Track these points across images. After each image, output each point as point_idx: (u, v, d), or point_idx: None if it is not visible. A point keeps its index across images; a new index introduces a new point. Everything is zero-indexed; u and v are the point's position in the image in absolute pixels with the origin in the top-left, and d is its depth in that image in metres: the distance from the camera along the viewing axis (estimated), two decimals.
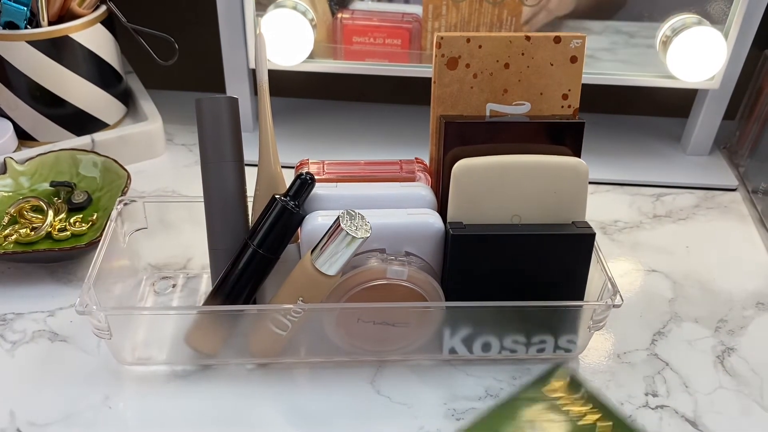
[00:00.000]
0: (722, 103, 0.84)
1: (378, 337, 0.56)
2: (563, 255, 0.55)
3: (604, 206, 0.81)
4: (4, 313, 0.62)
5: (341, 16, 0.81)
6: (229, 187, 0.56)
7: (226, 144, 0.56)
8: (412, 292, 0.54)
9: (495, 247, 0.55)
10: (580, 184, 0.55)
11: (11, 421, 0.52)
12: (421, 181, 0.59)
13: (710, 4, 0.78)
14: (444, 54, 0.55)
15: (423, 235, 0.55)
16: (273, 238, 0.53)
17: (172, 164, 0.86)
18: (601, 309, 0.55)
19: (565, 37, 0.55)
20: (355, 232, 0.49)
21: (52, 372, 0.57)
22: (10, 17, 0.75)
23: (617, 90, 0.84)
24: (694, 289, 0.69)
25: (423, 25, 0.79)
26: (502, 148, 0.55)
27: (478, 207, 0.55)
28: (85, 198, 0.73)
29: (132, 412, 0.54)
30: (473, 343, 0.57)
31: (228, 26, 0.81)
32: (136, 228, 0.63)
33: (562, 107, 0.57)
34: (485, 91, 0.57)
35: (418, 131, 0.87)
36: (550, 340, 0.57)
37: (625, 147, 0.91)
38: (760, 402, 0.57)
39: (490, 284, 0.56)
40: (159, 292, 0.65)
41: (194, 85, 0.97)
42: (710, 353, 0.61)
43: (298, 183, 0.54)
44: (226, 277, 0.54)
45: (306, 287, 0.52)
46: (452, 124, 0.56)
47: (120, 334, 0.55)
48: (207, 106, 0.55)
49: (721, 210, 0.81)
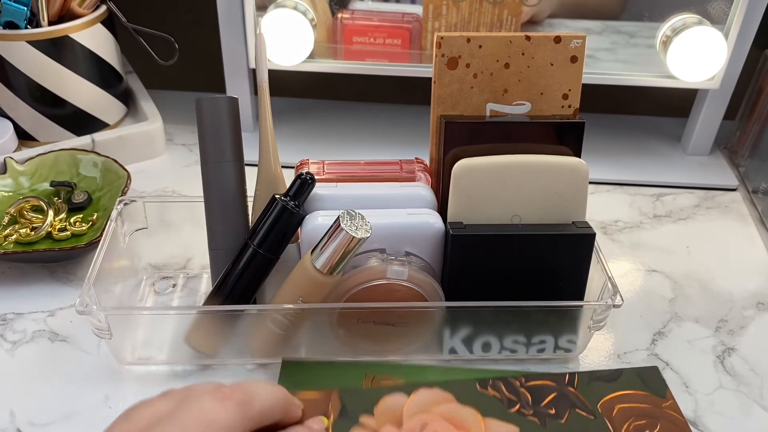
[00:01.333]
0: (722, 103, 0.84)
1: (378, 337, 0.56)
2: (563, 255, 0.55)
3: (604, 206, 0.81)
4: (4, 313, 0.62)
5: (341, 16, 0.81)
6: (229, 186, 0.56)
7: (226, 144, 0.56)
8: (412, 292, 0.54)
9: (495, 247, 0.55)
10: (581, 184, 0.55)
11: (11, 421, 0.52)
12: (421, 181, 0.59)
13: (710, 4, 0.78)
14: (444, 54, 0.55)
15: (423, 235, 0.55)
16: (273, 238, 0.53)
17: (172, 164, 0.86)
18: (601, 309, 0.55)
19: (565, 37, 0.55)
20: (356, 232, 0.49)
21: (52, 372, 0.57)
22: (10, 17, 0.75)
23: (617, 90, 0.84)
24: (694, 289, 0.69)
25: (423, 25, 0.79)
26: (502, 148, 0.55)
27: (479, 207, 0.55)
28: (85, 198, 0.72)
29: None
30: (473, 343, 0.57)
31: (228, 26, 0.81)
32: (137, 228, 0.63)
33: (563, 107, 0.57)
34: (485, 91, 0.57)
35: (418, 131, 0.87)
36: (550, 340, 0.57)
37: (625, 147, 0.91)
38: (760, 402, 0.57)
39: (490, 284, 0.56)
40: (159, 292, 0.65)
41: (194, 85, 0.98)
42: (710, 353, 0.61)
43: (299, 183, 0.54)
44: (227, 277, 0.54)
45: (306, 287, 0.52)
46: (452, 124, 0.56)
47: (120, 334, 0.55)
48: (207, 105, 0.55)
49: (721, 210, 0.81)
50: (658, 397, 0.52)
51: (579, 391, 0.52)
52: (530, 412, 0.51)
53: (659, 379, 0.53)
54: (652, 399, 0.52)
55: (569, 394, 0.52)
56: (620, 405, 0.51)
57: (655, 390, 0.52)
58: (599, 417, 0.50)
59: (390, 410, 0.50)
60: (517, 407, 0.51)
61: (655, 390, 0.52)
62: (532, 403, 0.51)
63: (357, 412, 0.50)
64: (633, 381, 0.53)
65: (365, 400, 0.50)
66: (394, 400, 0.51)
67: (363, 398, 0.51)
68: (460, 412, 0.50)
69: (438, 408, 0.50)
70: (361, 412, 0.50)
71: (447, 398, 0.51)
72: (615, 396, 0.52)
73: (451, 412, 0.50)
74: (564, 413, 0.50)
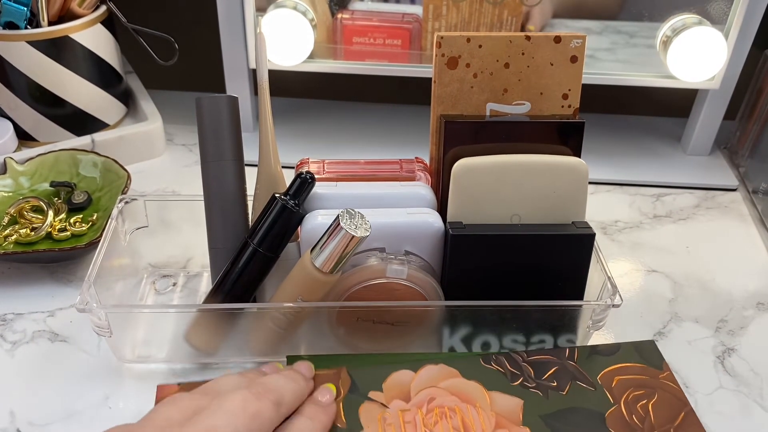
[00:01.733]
0: (722, 103, 0.84)
1: (377, 336, 0.56)
2: (563, 255, 0.55)
3: (604, 206, 0.81)
4: (4, 313, 0.62)
5: (341, 16, 0.81)
6: (228, 186, 0.56)
7: (226, 143, 0.56)
8: (412, 291, 0.54)
9: (495, 247, 0.55)
10: (580, 184, 0.55)
11: (11, 421, 0.52)
12: (421, 181, 0.59)
13: (710, 4, 0.78)
14: (444, 54, 0.55)
15: (423, 235, 0.55)
16: (273, 236, 0.53)
17: (172, 164, 0.86)
18: (600, 309, 0.55)
19: (565, 36, 0.55)
20: (355, 231, 0.49)
21: (52, 372, 0.57)
22: (10, 17, 0.75)
23: (617, 90, 0.84)
24: (694, 289, 0.69)
25: (423, 26, 0.79)
26: (502, 148, 0.55)
27: (478, 206, 0.55)
28: (85, 198, 0.72)
29: (132, 412, 0.54)
30: (472, 342, 0.57)
31: (228, 26, 0.81)
32: (137, 226, 0.63)
33: (563, 107, 0.57)
34: (485, 91, 0.57)
35: (418, 131, 0.87)
36: (549, 339, 0.57)
37: (625, 147, 0.91)
38: (760, 402, 0.57)
39: (489, 284, 0.56)
40: (159, 291, 0.65)
41: (194, 85, 0.98)
42: (710, 353, 0.61)
43: (298, 182, 0.54)
44: (226, 275, 0.54)
45: (305, 286, 0.52)
46: (452, 123, 0.56)
47: (120, 332, 0.55)
48: (207, 104, 0.55)
49: (721, 210, 0.81)
50: (654, 368, 0.54)
51: (579, 364, 0.54)
52: (533, 385, 0.52)
53: (656, 352, 0.55)
54: (650, 371, 0.53)
55: (570, 368, 0.53)
56: (619, 377, 0.53)
57: (652, 362, 0.54)
58: (599, 388, 0.52)
59: (398, 385, 0.52)
60: (520, 380, 0.52)
61: (652, 362, 0.54)
62: (534, 376, 0.52)
63: (366, 387, 0.51)
64: (630, 354, 0.55)
65: (374, 376, 0.52)
66: (401, 376, 0.52)
67: (372, 374, 0.52)
68: (466, 386, 0.52)
69: (444, 383, 0.52)
70: (370, 387, 0.51)
71: (452, 373, 0.53)
72: (614, 369, 0.53)
73: (457, 386, 0.51)
74: (565, 385, 0.52)
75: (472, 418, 0.49)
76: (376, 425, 0.49)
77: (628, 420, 0.50)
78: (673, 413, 0.51)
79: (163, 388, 0.52)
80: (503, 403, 0.51)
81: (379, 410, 0.50)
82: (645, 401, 0.51)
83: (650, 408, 0.51)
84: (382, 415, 0.49)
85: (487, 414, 0.49)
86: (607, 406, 0.50)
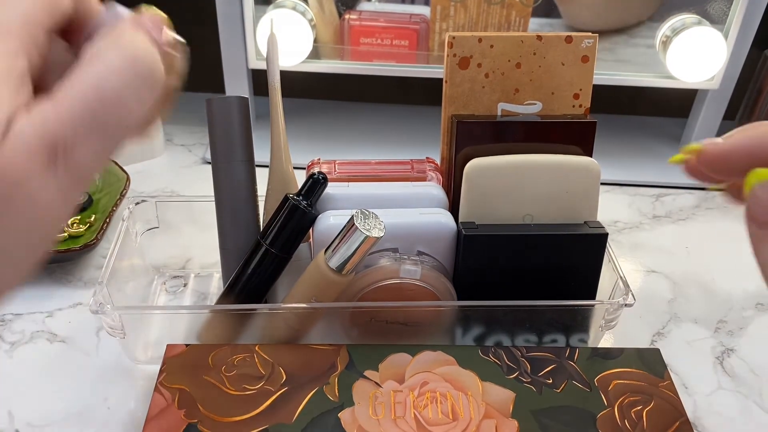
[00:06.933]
0: (722, 103, 0.85)
1: (391, 336, 0.56)
2: (576, 255, 0.55)
3: (604, 206, 0.80)
4: (3, 313, 0.61)
5: (348, 17, 0.81)
6: (239, 187, 0.56)
7: (236, 144, 0.55)
8: (425, 292, 0.54)
9: (507, 247, 0.55)
10: (592, 183, 0.55)
11: (10, 422, 0.52)
12: (433, 181, 0.59)
13: (710, 4, 0.79)
14: (456, 53, 0.55)
15: (435, 235, 0.55)
16: (285, 237, 0.53)
17: (172, 165, 0.85)
18: (613, 308, 0.55)
19: (576, 36, 0.55)
20: (370, 232, 0.49)
21: (50, 372, 0.56)
22: None
23: (617, 90, 0.84)
24: (693, 290, 0.69)
25: (430, 26, 0.79)
26: (513, 148, 0.55)
27: (490, 206, 0.55)
28: (86, 199, 0.72)
29: (131, 412, 0.54)
30: (485, 341, 0.57)
31: (228, 26, 0.81)
32: (148, 227, 0.63)
33: (574, 107, 0.58)
34: (497, 91, 0.57)
35: (428, 131, 0.86)
36: (561, 339, 0.57)
37: (625, 147, 0.92)
38: (760, 403, 0.57)
39: (502, 283, 0.56)
40: (170, 291, 0.64)
41: (194, 85, 0.96)
42: (710, 354, 0.62)
43: (311, 182, 0.54)
44: (239, 276, 0.54)
45: (319, 287, 0.52)
46: (464, 123, 0.56)
47: (133, 333, 0.54)
48: (217, 105, 0.55)
49: (721, 210, 0.82)
50: (655, 376, 0.53)
51: (578, 365, 0.54)
52: (528, 380, 0.52)
53: (659, 361, 0.54)
54: (650, 378, 0.53)
55: (568, 367, 0.53)
56: (617, 381, 0.53)
57: (654, 370, 0.53)
58: (595, 390, 0.52)
59: (394, 367, 0.52)
60: (515, 374, 0.52)
61: (654, 370, 0.53)
62: (530, 372, 0.52)
63: (363, 366, 0.52)
64: (633, 360, 0.54)
65: (372, 355, 0.53)
66: (398, 359, 0.53)
67: (370, 354, 0.53)
68: (460, 374, 0.52)
69: (439, 369, 0.52)
70: (367, 366, 0.52)
71: (449, 360, 0.53)
72: (613, 372, 0.53)
73: (452, 374, 0.52)
74: (561, 384, 0.52)
75: (462, 405, 0.49)
76: (367, 402, 0.49)
77: (619, 424, 0.49)
78: (666, 422, 0.50)
79: (172, 347, 0.53)
80: (495, 394, 0.51)
81: (372, 389, 0.50)
82: (640, 407, 0.50)
83: (644, 414, 0.50)
84: (374, 393, 0.50)
85: (478, 403, 0.50)
86: (600, 408, 0.50)
